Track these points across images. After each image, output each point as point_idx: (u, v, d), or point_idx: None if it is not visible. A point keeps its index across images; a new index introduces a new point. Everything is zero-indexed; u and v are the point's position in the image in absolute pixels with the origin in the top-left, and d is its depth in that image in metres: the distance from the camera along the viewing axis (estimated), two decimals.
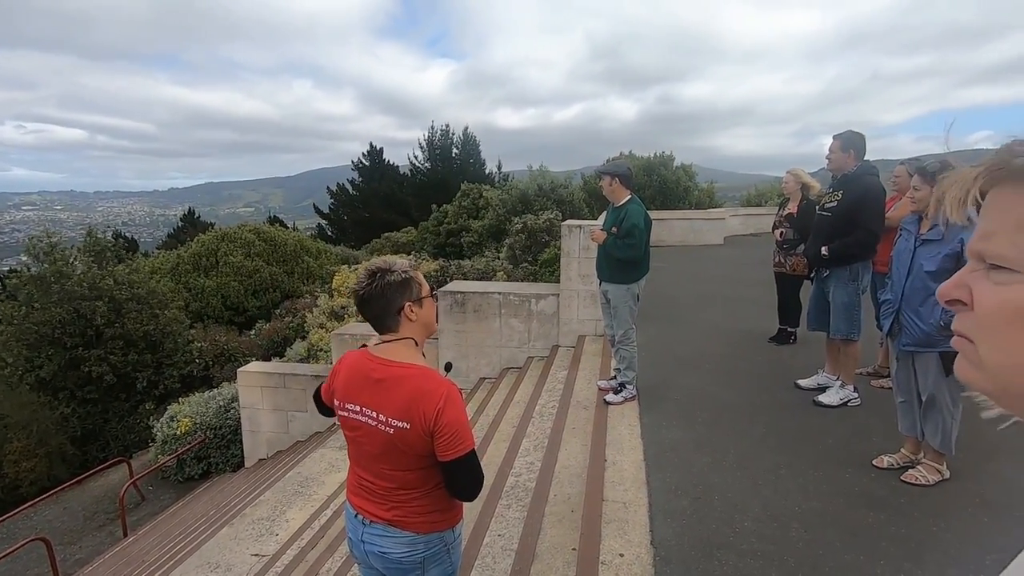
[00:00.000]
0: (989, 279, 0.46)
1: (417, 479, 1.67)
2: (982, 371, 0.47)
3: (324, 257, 19.50)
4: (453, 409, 1.59)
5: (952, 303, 0.50)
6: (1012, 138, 0.48)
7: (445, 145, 29.37)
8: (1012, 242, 0.44)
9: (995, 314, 0.45)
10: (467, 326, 6.79)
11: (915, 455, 3.04)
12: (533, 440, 4.25)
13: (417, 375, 1.63)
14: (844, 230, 3.78)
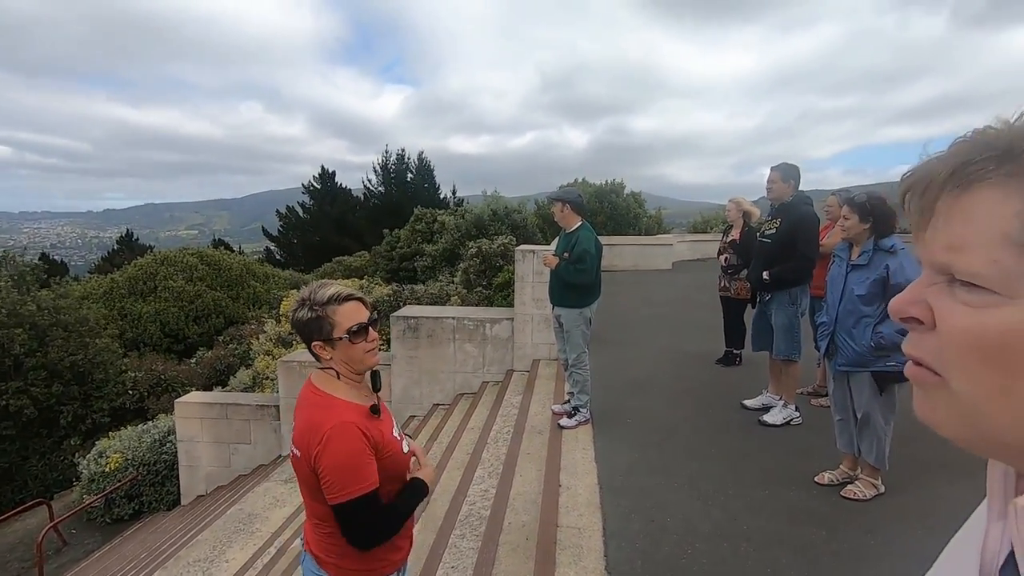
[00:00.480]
0: (955, 297, 0.39)
1: (324, 512, 1.52)
2: (951, 411, 0.40)
3: (272, 281, 18.90)
4: (334, 452, 1.42)
5: (907, 320, 0.43)
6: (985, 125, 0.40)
7: (400, 169, 29.31)
8: (993, 258, 0.37)
9: (970, 344, 0.37)
10: (420, 352, 6.69)
11: (853, 471, 3.17)
12: (487, 467, 4.19)
13: (314, 404, 1.52)
14: (783, 256, 3.98)
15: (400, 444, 1.64)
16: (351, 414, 1.51)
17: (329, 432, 1.43)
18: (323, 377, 1.59)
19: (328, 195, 30.73)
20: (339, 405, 1.52)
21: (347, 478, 1.43)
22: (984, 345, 0.37)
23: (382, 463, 1.52)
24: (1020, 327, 0.35)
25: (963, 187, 0.39)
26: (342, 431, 1.45)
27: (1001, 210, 0.36)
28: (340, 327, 1.53)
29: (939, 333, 0.40)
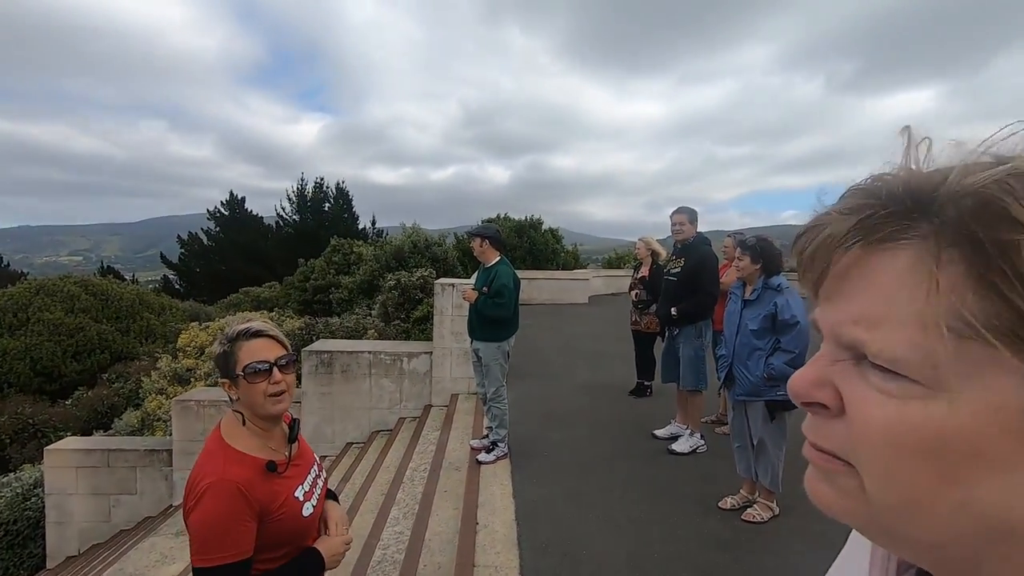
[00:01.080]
0: (867, 382, 0.33)
1: None
2: (858, 503, 0.34)
3: (169, 313, 17.43)
4: (206, 509, 1.28)
5: (810, 406, 0.36)
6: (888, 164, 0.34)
7: (317, 198, 28.46)
8: (913, 341, 0.30)
9: (893, 441, 0.31)
10: (334, 388, 6.41)
11: (752, 495, 3.38)
12: (402, 507, 4.05)
13: (207, 452, 1.38)
14: (687, 293, 4.26)
15: (301, 506, 1.45)
16: (239, 470, 1.34)
17: (205, 488, 1.29)
18: (230, 420, 1.45)
19: (236, 222, 29.15)
20: (230, 457, 1.37)
21: (212, 543, 1.27)
22: (906, 445, 0.31)
23: (269, 527, 1.36)
24: (948, 428, 0.29)
25: (868, 250, 0.33)
26: (219, 489, 1.29)
27: (922, 283, 0.30)
28: (240, 363, 1.41)
29: (850, 422, 0.34)
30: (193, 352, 10.19)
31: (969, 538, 0.31)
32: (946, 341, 0.29)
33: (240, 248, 27.76)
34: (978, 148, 0.31)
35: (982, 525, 0.30)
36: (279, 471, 1.43)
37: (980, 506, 0.30)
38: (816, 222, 0.36)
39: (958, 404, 0.29)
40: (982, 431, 0.29)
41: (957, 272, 0.29)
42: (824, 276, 0.36)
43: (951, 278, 0.29)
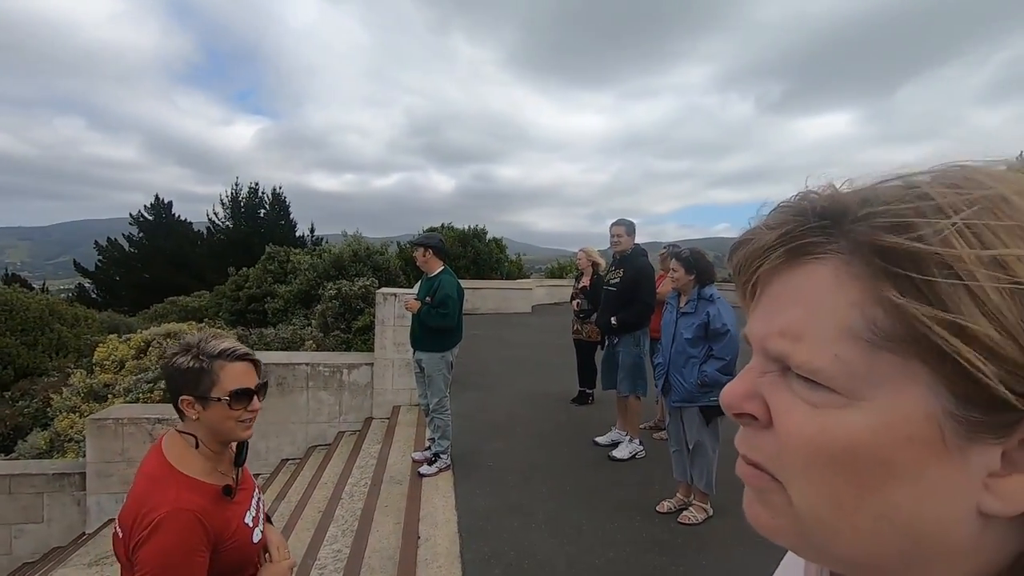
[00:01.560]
0: (793, 392, 0.34)
1: None
2: (787, 519, 0.35)
3: (84, 325, 16.17)
4: (160, 544, 1.19)
5: (741, 417, 0.37)
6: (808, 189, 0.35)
7: (252, 204, 27.30)
8: (832, 353, 0.31)
9: (814, 450, 0.32)
10: (268, 402, 6.09)
11: (687, 497, 3.50)
12: (341, 524, 3.92)
13: (153, 478, 1.28)
14: (626, 303, 4.39)
15: (251, 532, 1.40)
16: (194, 498, 1.27)
17: (160, 519, 1.21)
18: (176, 442, 1.35)
19: (162, 227, 27.51)
20: (182, 484, 1.28)
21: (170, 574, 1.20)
22: (826, 454, 0.32)
23: (222, 556, 1.30)
24: (863, 437, 0.30)
25: (791, 264, 0.34)
26: (174, 520, 1.21)
27: (838, 297, 0.31)
28: (222, 386, 1.33)
29: (777, 434, 0.34)
30: (112, 366, 9.48)
31: (893, 550, 0.32)
32: (860, 352, 0.30)
33: (166, 255, 26.18)
34: (892, 174, 0.33)
35: (899, 537, 0.31)
36: (232, 497, 1.35)
37: (897, 515, 0.31)
38: (746, 235, 0.37)
39: (871, 412, 0.30)
40: (892, 440, 0.30)
41: (868, 286, 0.30)
42: (755, 289, 0.37)
43: (863, 292, 0.30)
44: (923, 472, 0.30)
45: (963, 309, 0.27)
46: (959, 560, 0.31)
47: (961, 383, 0.28)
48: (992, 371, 0.27)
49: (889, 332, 0.29)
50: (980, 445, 0.29)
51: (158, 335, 9.92)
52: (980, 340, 0.27)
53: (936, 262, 0.28)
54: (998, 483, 0.29)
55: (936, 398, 0.29)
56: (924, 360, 0.29)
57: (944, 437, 0.29)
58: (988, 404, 0.28)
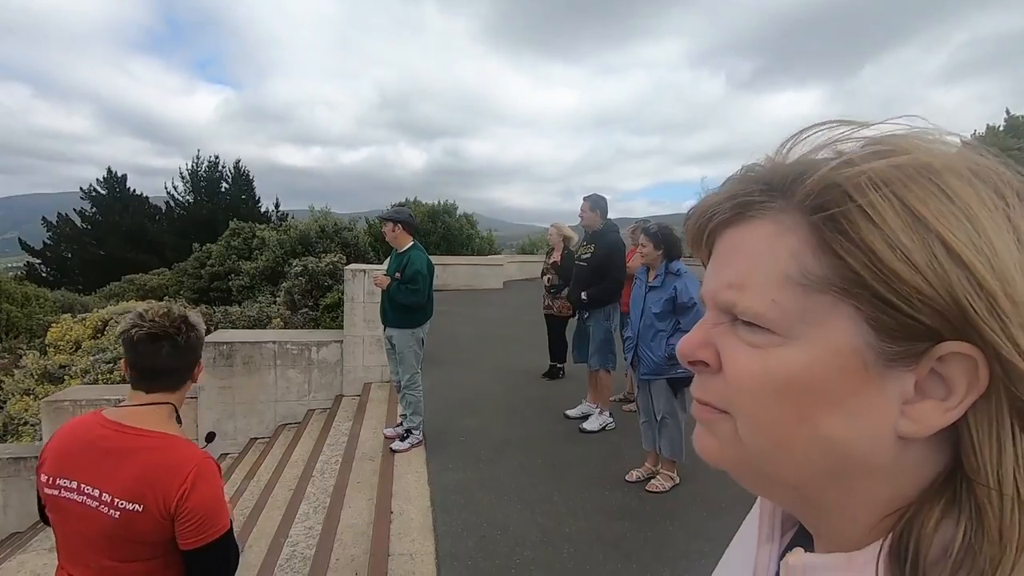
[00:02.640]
0: (739, 338, 0.37)
1: (145, 571, 1.35)
2: (735, 448, 0.39)
3: (35, 304, 15.48)
4: (205, 487, 1.32)
5: (695, 364, 0.40)
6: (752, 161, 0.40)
7: (212, 178, 26.33)
8: (771, 297, 0.35)
9: (755, 384, 0.36)
10: (235, 381, 6.02)
11: (655, 466, 3.60)
12: (313, 502, 3.90)
13: (161, 446, 1.34)
14: (597, 278, 4.42)
15: None
16: (201, 450, 1.40)
17: (195, 471, 1.32)
18: (145, 415, 1.38)
19: (118, 202, 26.34)
20: (183, 443, 1.39)
21: (217, 514, 1.34)
22: (767, 387, 0.36)
23: None
24: (800, 370, 0.35)
25: (737, 224, 0.39)
26: (207, 468, 1.36)
27: (776, 248, 0.36)
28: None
29: (725, 376, 0.38)
30: (67, 347, 9.13)
31: (821, 469, 0.36)
32: (795, 295, 0.35)
33: (122, 231, 25.14)
34: (826, 144, 0.37)
35: (829, 459, 0.35)
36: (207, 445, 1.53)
37: (826, 441, 0.35)
38: (699, 204, 0.42)
39: (805, 348, 0.35)
40: (823, 371, 0.34)
41: (802, 237, 0.35)
42: (705, 251, 0.42)
43: (798, 243, 0.35)
44: (849, 398, 0.34)
45: (879, 251, 0.32)
46: (881, 480, 0.35)
47: (878, 317, 0.33)
48: (902, 303, 0.32)
49: (819, 276, 0.34)
50: (896, 373, 0.33)
51: (116, 314, 9.58)
52: (892, 277, 0.32)
53: (858, 213, 0.33)
54: (912, 408, 0.33)
55: (859, 332, 0.33)
56: (847, 298, 0.33)
57: (866, 367, 0.33)
58: (900, 335, 0.32)
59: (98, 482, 1.31)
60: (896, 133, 0.36)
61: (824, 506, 0.38)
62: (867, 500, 0.36)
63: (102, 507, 1.30)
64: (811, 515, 0.40)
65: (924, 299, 0.31)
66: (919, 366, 0.33)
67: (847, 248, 0.33)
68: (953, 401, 0.32)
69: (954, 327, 0.31)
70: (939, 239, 0.31)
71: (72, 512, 1.32)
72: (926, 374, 0.33)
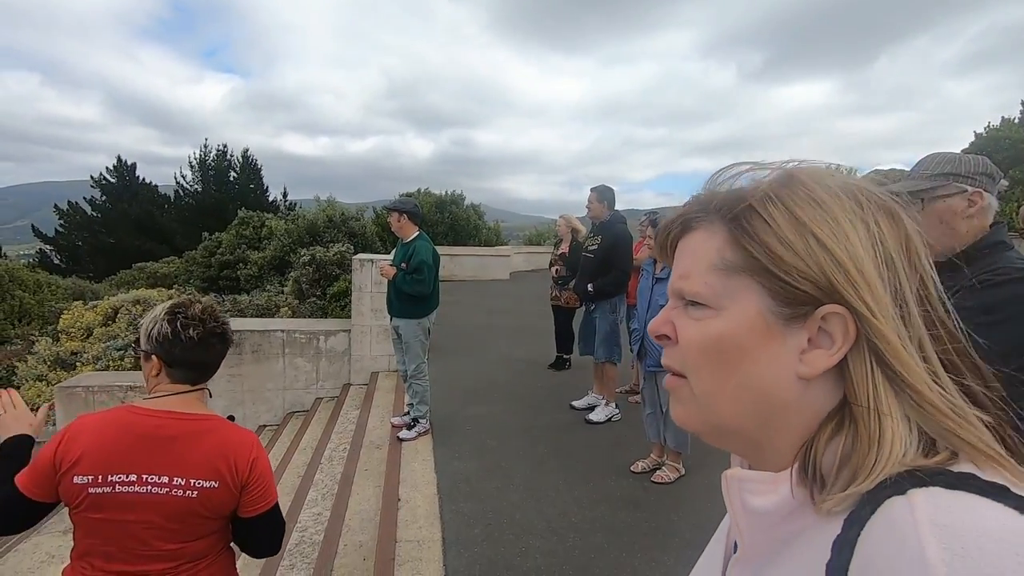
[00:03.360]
0: (688, 315, 0.50)
1: (207, 546, 1.45)
2: (694, 406, 0.50)
3: (47, 291, 15.66)
4: (265, 458, 1.49)
5: (660, 338, 0.53)
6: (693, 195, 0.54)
7: (221, 167, 26.38)
8: (705, 281, 0.48)
9: (698, 347, 0.48)
10: (244, 369, 6.08)
11: (660, 457, 3.62)
12: (321, 489, 3.95)
13: (220, 426, 1.45)
14: (603, 269, 4.42)
15: None
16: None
17: (255, 442, 1.48)
18: (190, 401, 1.46)
19: (127, 191, 26.49)
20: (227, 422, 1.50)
21: (272, 481, 1.50)
22: (706, 349, 0.48)
23: None
24: (726, 332, 0.47)
25: (685, 232, 0.53)
26: (257, 444, 1.50)
27: (708, 246, 0.49)
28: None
29: (679, 344, 0.50)
30: (79, 334, 9.24)
31: (752, 414, 0.47)
32: (720, 278, 0.48)
33: (132, 219, 25.29)
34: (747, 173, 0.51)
35: (755, 400, 0.47)
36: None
37: (750, 385, 0.47)
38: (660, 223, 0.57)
39: (728, 316, 0.47)
40: (740, 331, 0.47)
41: (723, 238, 0.49)
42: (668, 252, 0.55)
43: (721, 242, 0.49)
44: (761, 351, 0.46)
45: (772, 243, 0.46)
46: (792, 415, 0.46)
47: (774, 289, 0.46)
48: (789, 278, 0.45)
49: (734, 263, 0.47)
50: (793, 331, 0.46)
51: (127, 302, 9.67)
52: (782, 261, 0.45)
53: (757, 217, 0.47)
54: (806, 356, 0.45)
55: (764, 301, 0.46)
56: (754, 277, 0.47)
57: (769, 326, 0.46)
58: (792, 301, 0.45)
59: (164, 469, 1.33)
60: (791, 167, 0.49)
61: (761, 444, 0.49)
62: (786, 433, 0.47)
63: (175, 491, 1.34)
64: (754, 456, 0.51)
65: (803, 275, 0.44)
66: (808, 324, 0.45)
67: (751, 242, 0.46)
68: (834, 349, 0.44)
69: (829, 295, 0.44)
70: (812, 234, 0.45)
71: (134, 504, 1.32)
72: (816, 331, 0.45)
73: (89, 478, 1.32)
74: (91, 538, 1.35)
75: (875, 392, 0.42)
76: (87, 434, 1.35)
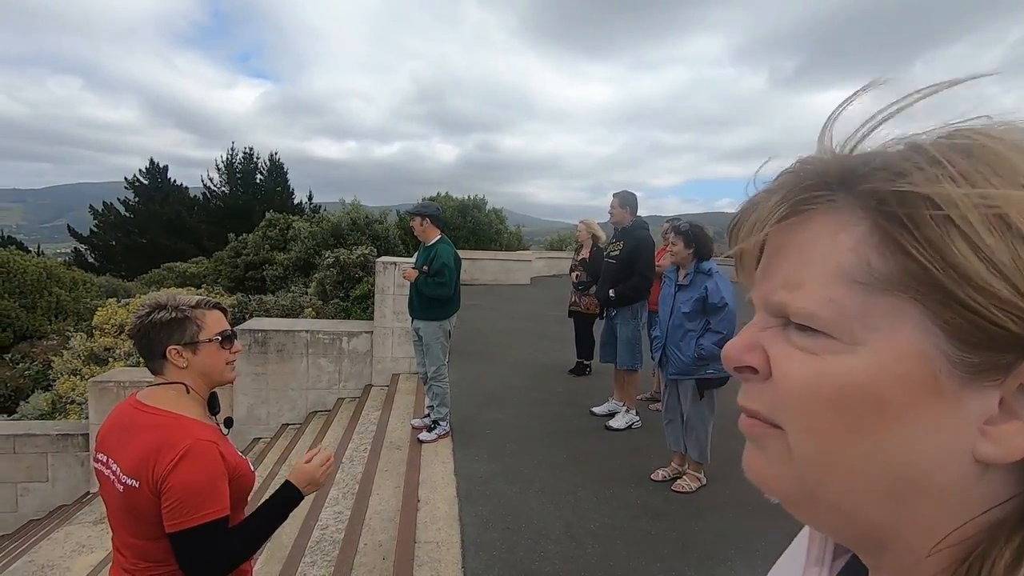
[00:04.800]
0: (790, 342, 0.35)
1: (161, 552, 1.35)
2: (786, 467, 0.35)
3: (82, 289, 16.15)
4: (190, 468, 1.29)
5: (741, 370, 0.37)
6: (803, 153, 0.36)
7: (248, 169, 26.97)
8: (827, 297, 0.32)
9: (808, 395, 0.33)
10: (268, 368, 6.19)
11: (681, 466, 3.58)
12: (342, 487, 4.00)
13: (165, 423, 1.36)
14: (625, 275, 4.40)
15: (248, 463, 1.53)
16: (207, 433, 1.38)
17: (185, 450, 1.30)
18: (162, 395, 1.42)
19: (159, 192, 27.23)
20: (190, 423, 1.38)
21: (200, 500, 1.29)
22: (822, 397, 0.33)
23: (233, 486, 1.40)
24: (858, 378, 0.31)
25: (793, 220, 0.35)
26: (201, 450, 1.32)
27: (835, 243, 0.32)
28: (209, 330, 1.46)
29: (775, 382, 0.35)
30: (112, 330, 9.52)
31: (880, 497, 0.32)
32: (855, 295, 0.31)
33: (163, 220, 25.99)
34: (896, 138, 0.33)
35: (890, 480, 0.32)
36: (229, 430, 1.52)
37: (884, 457, 0.31)
38: (748, 202, 0.38)
39: (865, 355, 0.31)
40: (884, 379, 0.31)
41: (863, 232, 0.32)
42: (755, 250, 0.38)
43: (858, 238, 0.32)
44: (917, 412, 0.30)
45: (955, 248, 0.28)
46: (948, 507, 0.31)
47: (953, 322, 0.29)
48: (980, 306, 0.28)
49: (883, 273, 0.30)
50: (976, 389, 0.30)
51: None
52: (971, 278, 0.28)
53: (928, 204, 0.29)
54: (995, 429, 0.30)
55: (930, 338, 0.30)
56: (917, 300, 0.30)
57: (938, 378, 0.30)
58: (981, 343, 0.29)
59: (116, 456, 1.37)
60: (973, 126, 0.32)
61: (884, 538, 0.34)
62: (931, 531, 0.32)
63: (115, 481, 1.36)
64: (868, 547, 0.36)
65: (1005, 304, 0.28)
66: (1007, 383, 0.29)
67: (917, 245, 0.29)
68: None
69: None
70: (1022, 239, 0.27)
71: (104, 484, 1.41)
72: (1015, 389, 0.29)
73: (93, 453, 1.48)
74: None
75: None
76: (107, 418, 1.48)
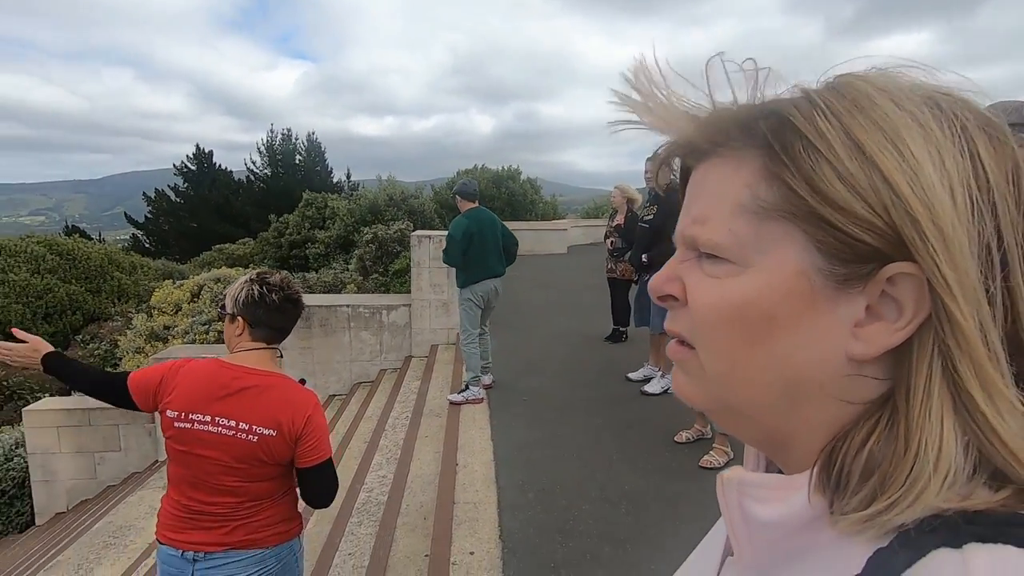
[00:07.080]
0: (702, 271, 0.38)
1: (269, 488, 1.67)
2: (701, 383, 0.40)
3: (140, 272, 17.07)
4: (320, 417, 1.67)
5: (664, 299, 0.41)
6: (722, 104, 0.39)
7: (287, 151, 27.53)
8: (728, 228, 0.36)
9: (713, 313, 0.37)
10: (313, 342, 6.45)
11: (704, 428, 3.58)
12: (385, 453, 4.18)
13: (285, 384, 1.68)
14: (659, 240, 4.33)
15: None
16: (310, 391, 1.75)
17: (315, 404, 1.67)
18: (267, 360, 1.69)
19: (206, 177, 28.19)
20: (296, 384, 1.71)
21: (327, 440, 1.68)
22: (724, 317, 0.37)
23: None
24: (751, 296, 0.35)
25: (700, 161, 0.40)
26: (318, 404, 1.70)
27: (735, 181, 0.37)
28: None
29: (690, 307, 0.39)
30: (169, 309, 10.07)
31: (778, 399, 0.37)
32: (749, 224, 0.36)
33: (211, 204, 26.97)
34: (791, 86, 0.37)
35: (784, 382, 0.36)
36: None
37: (777, 365, 0.36)
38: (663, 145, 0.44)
39: (757, 275, 0.36)
40: (771, 295, 0.35)
41: (755, 168, 0.36)
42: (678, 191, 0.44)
43: (752, 173, 0.36)
44: (800, 321, 0.35)
45: (823, 175, 0.33)
46: (832, 404, 0.35)
47: (825, 240, 0.33)
48: (843, 225, 0.32)
49: (770, 202, 0.35)
50: (847, 296, 0.34)
51: (208, 280, 10.43)
52: (835, 201, 0.32)
53: (803, 139, 0.34)
54: (862, 330, 0.34)
55: (808, 256, 0.34)
56: (796, 223, 0.34)
57: (814, 289, 0.34)
58: (847, 257, 0.33)
59: (236, 414, 1.58)
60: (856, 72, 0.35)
61: (785, 438, 0.38)
62: (820, 427, 0.36)
63: (240, 434, 1.57)
64: (776, 450, 0.41)
65: (866, 222, 0.32)
66: (868, 288, 0.33)
67: (793, 176, 0.34)
68: (902, 321, 0.33)
69: (898, 249, 0.32)
70: (876, 166, 0.32)
71: (207, 442, 1.58)
72: (878, 296, 0.33)
73: (176, 413, 1.60)
74: (177, 467, 1.65)
75: (928, 389, 0.32)
76: (184, 376, 1.64)
